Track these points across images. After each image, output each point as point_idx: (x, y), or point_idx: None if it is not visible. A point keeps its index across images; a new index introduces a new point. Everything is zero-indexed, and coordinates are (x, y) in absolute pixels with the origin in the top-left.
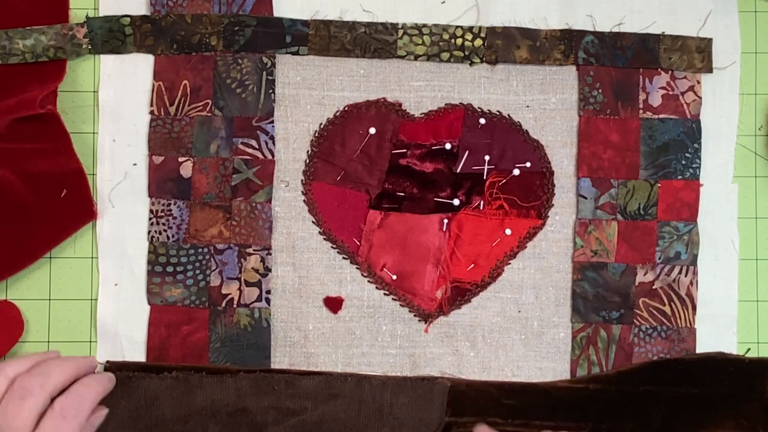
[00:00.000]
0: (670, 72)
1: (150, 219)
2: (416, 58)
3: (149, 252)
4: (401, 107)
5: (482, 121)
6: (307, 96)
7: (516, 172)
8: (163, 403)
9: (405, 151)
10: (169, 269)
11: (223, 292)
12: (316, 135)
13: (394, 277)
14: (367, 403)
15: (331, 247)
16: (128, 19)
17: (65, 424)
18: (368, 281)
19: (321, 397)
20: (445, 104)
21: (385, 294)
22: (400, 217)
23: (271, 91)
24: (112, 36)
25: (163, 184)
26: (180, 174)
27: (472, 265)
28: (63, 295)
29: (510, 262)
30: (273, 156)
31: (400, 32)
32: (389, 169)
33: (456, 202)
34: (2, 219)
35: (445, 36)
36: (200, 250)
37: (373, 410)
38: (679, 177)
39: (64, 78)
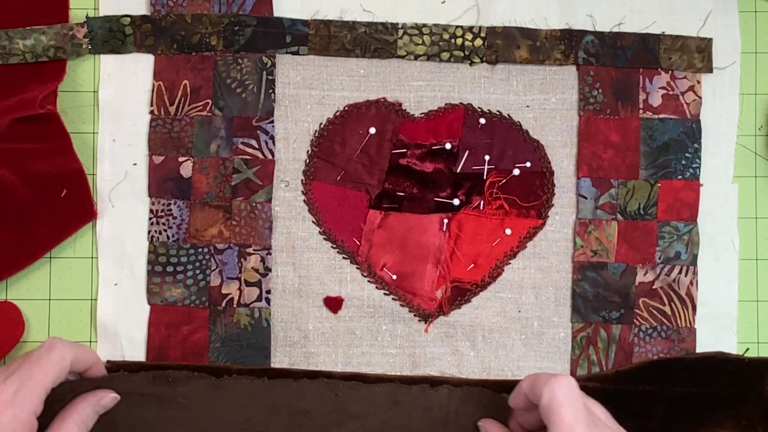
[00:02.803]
0: (670, 72)
1: (150, 219)
2: (416, 58)
3: (149, 252)
4: (401, 107)
5: (482, 121)
6: (307, 96)
7: (516, 172)
8: (223, 408)
9: (405, 150)
10: (169, 269)
11: (223, 291)
12: (316, 135)
13: (394, 277)
14: (433, 410)
15: (331, 247)
16: (128, 19)
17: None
18: (368, 281)
19: (385, 404)
20: (445, 104)
21: (385, 294)
22: (400, 217)
23: (271, 90)
24: (112, 36)
25: (163, 183)
26: (180, 174)
27: (472, 265)
28: (63, 295)
29: (510, 262)
30: (273, 156)
31: (400, 32)
32: (389, 169)
33: (456, 201)
34: (2, 219)
35: (445, 36)
36: (200, 249)
37: (438, 418)
38: (679, 177)
39: (64, 78)
